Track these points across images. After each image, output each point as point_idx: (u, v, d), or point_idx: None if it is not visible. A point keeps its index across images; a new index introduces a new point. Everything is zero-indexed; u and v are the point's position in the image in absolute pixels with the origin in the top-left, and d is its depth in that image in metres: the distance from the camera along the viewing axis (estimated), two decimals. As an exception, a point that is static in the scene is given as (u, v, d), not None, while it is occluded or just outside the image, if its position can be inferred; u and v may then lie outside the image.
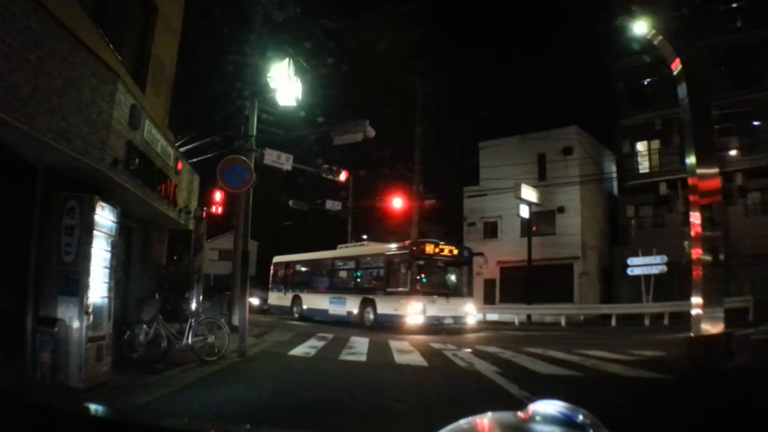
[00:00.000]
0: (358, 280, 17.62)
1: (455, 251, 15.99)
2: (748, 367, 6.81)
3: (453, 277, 16.31)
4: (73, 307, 5.33)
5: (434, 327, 14.50)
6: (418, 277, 14.97)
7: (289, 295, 20.31)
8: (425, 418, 4.47)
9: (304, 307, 19.19)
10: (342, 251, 19.40)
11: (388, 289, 15.30)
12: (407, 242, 16.28)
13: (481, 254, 19.26)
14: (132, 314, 8.10)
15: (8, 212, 5.17)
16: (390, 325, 14.64)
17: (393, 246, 16.44)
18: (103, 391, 5.30)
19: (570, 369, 7.35)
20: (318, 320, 18.07)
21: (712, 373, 6.48)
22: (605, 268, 23.69)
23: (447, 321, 14.76)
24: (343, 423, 4.39)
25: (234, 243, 14.46)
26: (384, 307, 15.08)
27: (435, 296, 14.80)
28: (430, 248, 15.26)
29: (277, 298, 21.63)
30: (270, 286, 22.96)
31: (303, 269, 21.24)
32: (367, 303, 15.82)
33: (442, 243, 16.08)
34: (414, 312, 14.14)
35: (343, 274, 18.79)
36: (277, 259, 22.80)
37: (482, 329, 17.10)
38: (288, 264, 21.95)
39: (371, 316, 15.46)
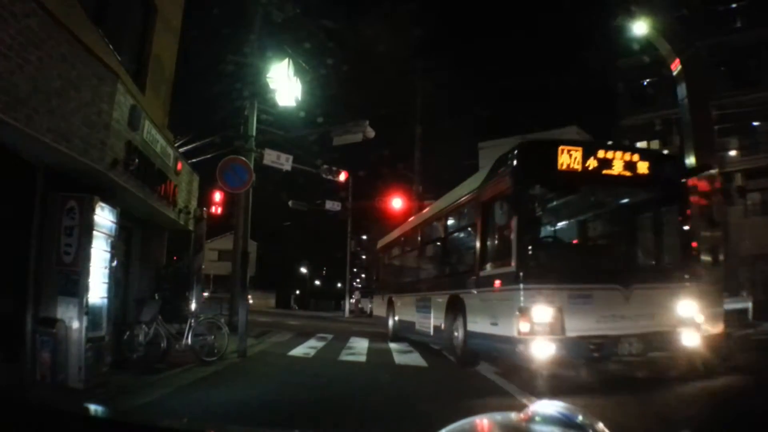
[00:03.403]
0: (443, 261, 9.33)
1: (641, 162, 6.34)
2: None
3: (638, 234, 7.34)
4: (72, 308, 5.33)
5: (593, 363, 6.09)
6: (536, 233, 6.67)
7: (386, 299, 13.11)
8: (425, 418, 4.46)
9: (396, 318, 11.90)
10: (433, 206, 10.85)
11: (482, 273, 6.81)
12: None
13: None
14: (131, 315, 8.10)
15: (8, 212, 5.17)
16: (489, 355, 7.18)
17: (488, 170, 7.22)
18: (103, 391, 5.30)
19: None
20: (413, 340, 10.84)
21: None
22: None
23: (628, 347, 5.82)
24: (343, 424, 4.38)
25: (234, 243, 14.47)
26: (476, 315, 6.92)
27: (589, 285, 5.88)
28: (568, 155, 6.04)
29: (378, 306, 14.66)
30: (374, 286, 16.62)
31: (396, 252, 13.67)
32: (454, 308, 7.79)
33: (599, 142, 7.77)
34: (532, 327, 5.59)
35: (429, 252, 10.86)
36: (382, 242, 15.25)
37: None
38: (387, 247, 14.53)
39: (460, 335, 7.48)
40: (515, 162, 6.10)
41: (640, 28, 10.55)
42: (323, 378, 6.92)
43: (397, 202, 22.85)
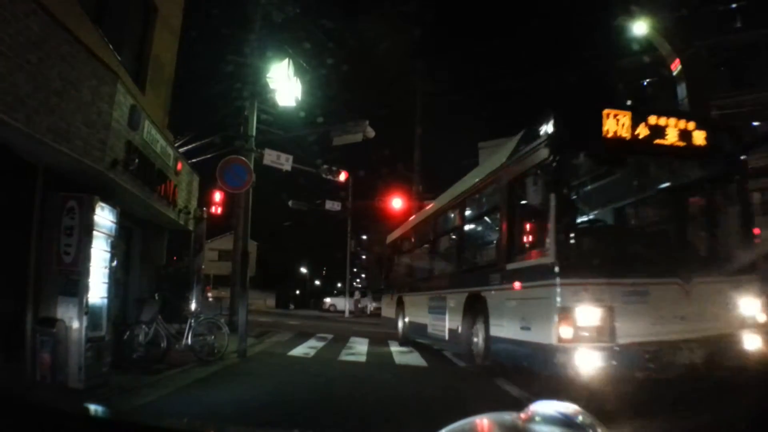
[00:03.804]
0: (461, 254, 8.23)
1: (698, 131, 5.30)
2: None
3: (693, 217, 6.21)
4: (72, 308, 5.33)
5: (647, 376, 4.65)
6: (578, 216, 5.96)
7: (395, 299, 12.23)
8: (425, 418, 4.46)
9: (407, 320, 11.03)
10: (447, 193, 9.21)
11: (509, 267, 5.79)
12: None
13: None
14: (131, 314, 8.11)
15: (8, 212, 5.17)
16: (517, 365, 5.80)
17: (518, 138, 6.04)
18: (103, 391, 5.30)
19: None
20: (422, 344, 10.16)
21: None
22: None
23: (689, 355, 4.70)
24: (343, 424, 4.39)
25: (234, 243, 14.47)
26: (501, 317, 5.94)
27: (645, 279, 4.82)
28: (615, 120, 4.97)
29: (387, 306, 13.81)
30: (382, 285, 15.71)
31: (406, 246, 12.57)
32: (474, 309, 6.86)
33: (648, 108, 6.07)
34: (575, 332, 4.53)
35: (444, 245, 9.72)
36: (391, 236, 14.28)
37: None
38: (396, 241, 13.48)
39: (480, 340, 6.59)
40: (552, 129, 4.99)
41: (640, 28, 10.56)
42: (323, 378, 6.92)
43: (397, 202, 22.83)
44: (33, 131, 4.54)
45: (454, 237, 8.91)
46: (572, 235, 5.00)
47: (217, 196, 20.21)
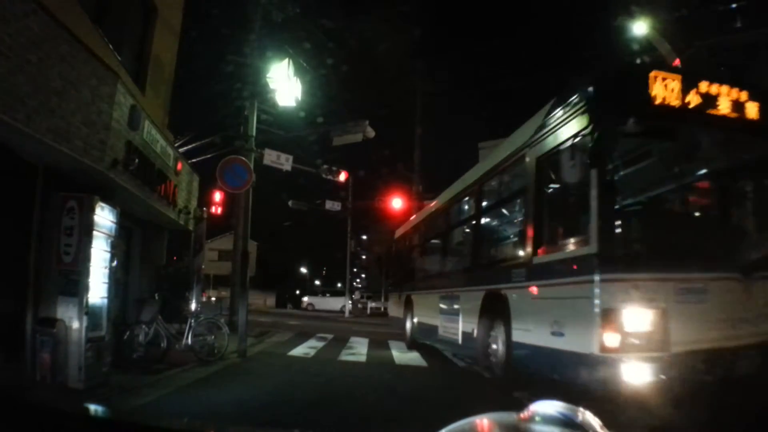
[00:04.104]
0: (478, 247, 7.30)
1: (758, 102, 4.43)
2: None
3: (747, 202, 5.16)
4: (72, 308, 5.33)
5: (702, 388, 3.85)
6: (624, 196, 4.98)
7: (403, 298, 11.35)
8: (425, 418, 4.47)
9: (416, 320, 10.18)
10: (462, 179, 8.22)
11: (537, 259, 4.96)
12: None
13: None
14: (131, 314, 8.11)
15: (8, 212, 5.17)
16: (545, 375, 4.79)
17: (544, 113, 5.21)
18: (103, 391, 5.30)
19: None
20: (435, 347, 9.37)
21: None
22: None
23: (749, 364, 4.05)
24: (343, 424, 4.39)
25: (234, 243, 14.47)
26: (526, 319, 5.11)
27: (703, 275, 4.04)
28: (663, 85, 4.18)
29: (394, 305, 12.97)
30: (388, 285, 14.51)
31: (416, 240, 11.62)
32: (492, 309, 6.03)
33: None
34: (623, 339, 3.75)
35: (458, 237, 8.87)
36: (400, 230, 13.57)
37: None
38: (406, 236, 12.66)
39: (499, 346, 5.80)
40: (594, 92, 4.28)
41: (640, 28, 10.56)
42: (323, 378, 6.92)
43: (397, 202, 22.85)
44: (33, 131, 4.54)
45: (470, 228, 7.82)
46: (618, 220, 4.19)
47: (217, 196, 20.23)
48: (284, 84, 10.23)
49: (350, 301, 30.36)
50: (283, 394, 5.74)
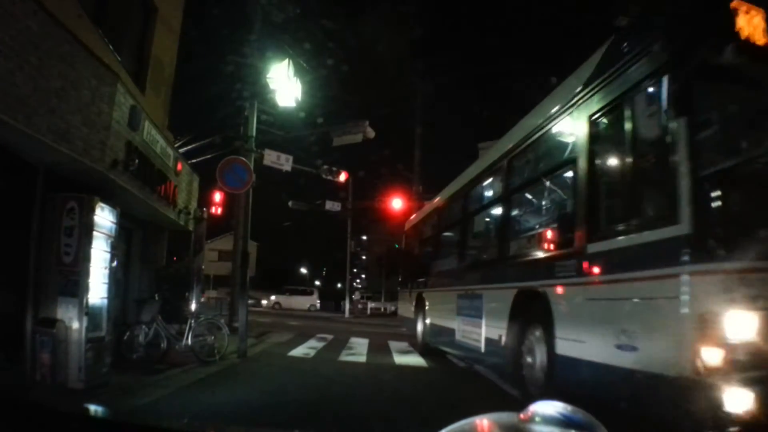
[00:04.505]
0: (507, 234, 6.02)
1: None
2: None
3: None
4: (72, 308, 5.33)
5: None
6: (722, 160, 3.22)
7: (414, 296, 10.34)
8: (425, 418, 4.47)
9: (428, 322, 9.20)
10: (490, 152, 7.04)
11: (592, 247, 3.82)
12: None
13: None
14: (131, 315, 8.11)
15: (8, 213, 5.17)
16: (607, 401, 3.44)
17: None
18: (103, 391, 5.30)
19: None
20: (451, 355, 8.63)
21: None
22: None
23: None
24: (343, 424, 4.39)
25: (234, 244, 14.47)
26: (577, 327, 3.93)
27: None
28: (749, 19, 3.05)
29: (404, 303, 11.89)
30: (399, 284, 13.26)
31: (430, 231, 10.40)
32: (527, 312, 4.94)
33: None
34: (727, 354, 2.69)
35: (481, 224, 7.65)
36: (411, 221, 12.65)
37: None
38: (418, 226, 11.50)
39: (537, 359, 4.64)
40: (671, 27, 3.30)
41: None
42: (323, 378, 6.92)
43: (397, 202, 22.86)
44: (33, 131, 4.54)
45: (497, 212, 6.51)
46: (718, 190, 2.98)
47: (217, 196, 20.20)
48: (284, 84, 10.23)
49: (350, 301, 30.36)
50: (283, 395, 5.74)
